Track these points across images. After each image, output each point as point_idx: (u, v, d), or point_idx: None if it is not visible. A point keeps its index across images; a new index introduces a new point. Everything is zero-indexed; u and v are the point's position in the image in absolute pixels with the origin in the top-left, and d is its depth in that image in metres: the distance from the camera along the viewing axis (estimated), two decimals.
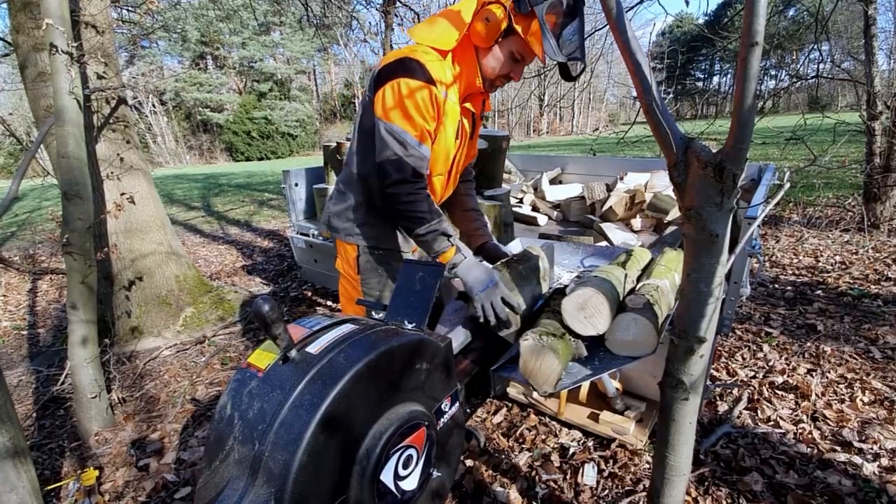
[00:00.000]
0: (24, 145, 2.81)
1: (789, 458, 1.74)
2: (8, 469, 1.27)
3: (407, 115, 1.21)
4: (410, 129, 1.23)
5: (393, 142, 1.23)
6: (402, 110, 1.21)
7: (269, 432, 0.67)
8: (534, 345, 1.02)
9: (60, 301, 4.02)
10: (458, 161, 1.49)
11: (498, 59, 1.27)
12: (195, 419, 2.28)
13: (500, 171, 3.26)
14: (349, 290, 1.58)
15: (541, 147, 19.23)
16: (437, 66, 1.23)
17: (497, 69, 1.29)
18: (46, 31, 1.85)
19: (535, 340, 1.03)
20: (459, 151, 1.44)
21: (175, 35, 27.50)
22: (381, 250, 1.49)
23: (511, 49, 1.25)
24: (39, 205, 9.80)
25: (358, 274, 1.51)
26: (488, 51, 1.27)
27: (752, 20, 0.60)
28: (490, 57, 1.28)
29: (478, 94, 1.39)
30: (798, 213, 5.23)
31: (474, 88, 1.34)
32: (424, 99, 1.21)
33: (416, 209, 1.26)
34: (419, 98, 1.20)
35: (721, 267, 0.82)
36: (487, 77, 1.32)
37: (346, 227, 1.47)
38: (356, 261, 1.49)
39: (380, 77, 1.25)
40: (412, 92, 1.20)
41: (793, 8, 9.71)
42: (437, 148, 1.34)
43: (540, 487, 1.69)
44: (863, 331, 2.61)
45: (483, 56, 1.28)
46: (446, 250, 1.26)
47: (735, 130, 0.68)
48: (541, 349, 1.02)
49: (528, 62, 1.32)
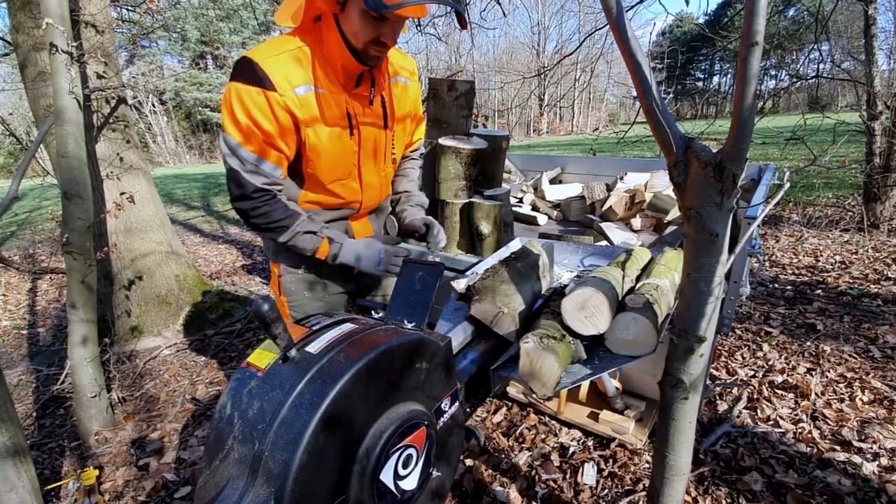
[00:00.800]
0: (24, 145, 2.81)
1: (789, 458, 1.74)
2: (8, 468, 1.27)
3: (239, 126, 1.04)
4: (245, 143, 1.06)
5: (230, 155, 1.08)
6: (234, 121, 1.04)
7: (268, 432, 0.67)
8: (534, 347, 1.02)
9: (60, 300, 4.02)
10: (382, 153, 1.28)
11: (353, 23, 1.02)
12: (195, 418, 2.28)
13: (500, 170, 3.26)
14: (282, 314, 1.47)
15: (541, 147, 19.23)
16: (277, 62, 1.03)
17: (360, 36, 1.04)
18: (46, 31, 1.85)
19: (535, 343, 1.03)
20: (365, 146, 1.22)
21: (175, 35, 27.47)
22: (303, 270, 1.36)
23: (361, 6, 1.00)
24: (39, 204, 9.80)
25: (281, 295, 1.37)
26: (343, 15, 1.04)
27: (752, 20, 0.60)
28: (346, 23, 1.04)
29: (364, 72, 1.14)
30: (798, 212, 5.23)
31: (352, 67, 1.10)
32: (258, 107, 1.03)
33: (270, 219, 1.13)
34: (251, 106, 1.03)
35: (721, 266, 0.82)
36: (356, 48, 1.06)
37: (269, 245, 1.35)
38: (278, 281, 1.37)
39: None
40: (242, 100, 1.02)
41: (793, 8, 9.71)
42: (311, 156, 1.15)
43: (540, 487, 1.69)
44: (862, 330, 2.61)
45: (343, 24, 1.05)
46: (319, 246, 1.18)
47: (735, 130, 0.68)
48: (541, 352, 1.02)
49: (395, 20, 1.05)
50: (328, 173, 1.21)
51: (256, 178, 1.10)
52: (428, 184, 2.38)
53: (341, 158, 1.20)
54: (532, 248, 1.42)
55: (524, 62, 34.85)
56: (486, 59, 37.57)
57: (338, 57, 1.08)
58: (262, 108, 1.04)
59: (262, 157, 1.09)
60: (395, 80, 1.26)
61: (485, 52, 39.02)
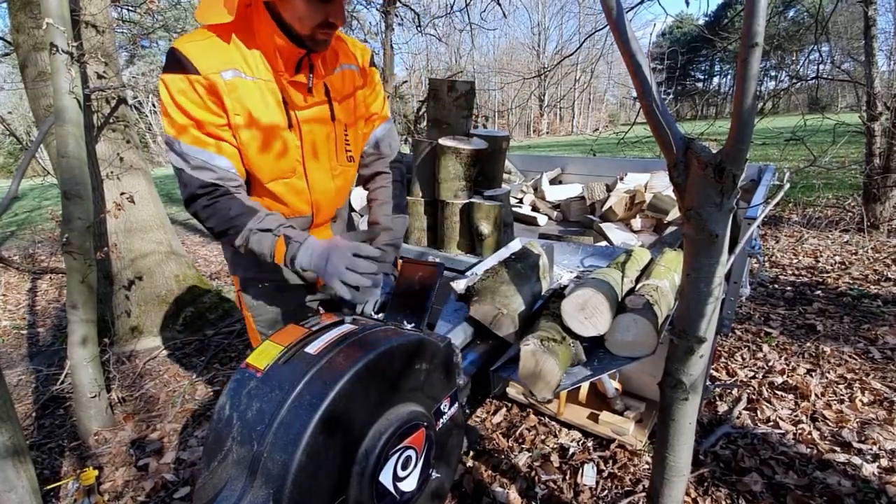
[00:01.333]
0: (24, 145, 2.81)
1: (789, 459, 1.74)
2: (7, 468, 1.27)
3: (172, 119, 0.98)
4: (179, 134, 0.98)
5: (172, 154, 1.00)
6: (166, 115, 0.98)
7: (267, 433, 0.67)
8: (535, 350, 1.02)
9: (60, 300, 4.02)
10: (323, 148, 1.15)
11: (298, 7, 0.95)
12: (194, 419, 2.28)
13: (500, 171, 3.26)
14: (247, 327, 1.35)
15: (541, 147, 19.24)
16: (202, 46, 0.97)
17: (306, 20, 0.96)
18: (47, 31, 1.85)
19: (535, 345, 1.02)
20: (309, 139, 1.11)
21: (175, 35, 27.50)
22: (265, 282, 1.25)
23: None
24: (39, 204, 9.80)
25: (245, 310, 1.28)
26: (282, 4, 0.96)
27: (752, 21, 0.60)
28: (288, 9, 0.96)
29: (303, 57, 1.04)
30: (798, 213, 5.23)
31: (292, 53, 1.02)
32: (185, 95, 0.96)
33: (221, 219, 1.01)
34: (178, 94, 0.96)
35: (721, 267, 0.82)
36: (302, 34, 0.99)
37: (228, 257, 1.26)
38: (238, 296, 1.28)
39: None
40: (169, 91, 0.96)
41: (793, 9, 9.71)
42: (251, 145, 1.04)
43: (539, 488, 1.69)
44: (862, 331, 2.61)
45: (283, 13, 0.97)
46: (275, 245, 1.01)
47: (735, 131, 0.68)
48: (542, 355, 1.02)
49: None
50: (266, 170, 1.08)
51: (202, 173, 1.00)
52: (428, 184, 2.38)
53: (280, 153, 1.08)
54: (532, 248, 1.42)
55: (524, 63, 34.87)
56: (486, 60, 37.61)
57: (271, 43, 1.00)
58: (187, 94, 0.96)
59: (201, 148, 0.99)
60: (340, 69, 1.15)
61: (485, 53, 39.07)
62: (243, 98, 1.00)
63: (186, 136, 0.98)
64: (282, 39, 0.99)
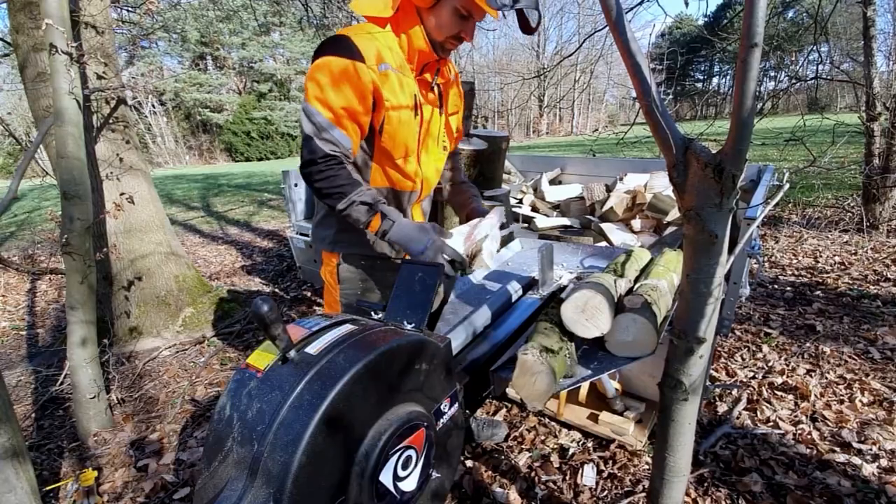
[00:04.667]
0: (24, 145, 2.81)
1: (788, 459, 1.74)
2: (7, 469, 1.27)
3: (324, 95, 1.13)
4: (324, 110, 1.14)
5: (306, 121, 1.16)
6: (319, 90, 1.13)
7: (268, 433, 0.67)
8: (532, 360, 1.02)
9: (60, 301, 4.02)
10: (435, 137, 1.38)
11: (443, 18, 1.16)
12: (194, 420, 2.27)
13: (500, 171, 3.26)
14: (330, 300, 1.51)
15: (540, 148, 19.25)
16: (368, 39, 1.15)
17: (445, 30, 1.18)
18: (46, 32, 1.85)
19: (533, 356, 1.02)
20: (425, 127, 1.32)
21: (175, 35, 27.49)
22: (364, 258, 1.41)
23: (454, 5, 1.14)
24: (39, 205, 9.79)
25: (338, 283, 1.43)
26: (431, 11, 1.16)
27: (752, 21, 0.60)
28: (434, 17, 1.17)
29: (433, 61, 1.26)
30: (797, 213, 5.23)
31: (427, 56, 1.23)
32: (347, 77, 1.12)
33: (331, 185, 1.18)
34: (339, 77, 1.12)
35: (720, 267, 0.82)
36: (436, 40, 1.20)
37: (326, 234, 1.41)
38: (336, 270, 1.42)
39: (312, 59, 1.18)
40: (331, 70, 1.11)
41: (792, 9, 9.73)
42: (387, 129, 1.23)
43: (539, 488, 1.69)
44: (862, 331, 2.61)
45: (427, 17, 1.18)
46: (372, 219, 1.19)
47: (734, 131, 0.68)
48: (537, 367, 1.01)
49: (478, 18, 1.20)
50: (399, 149, 1.28)
51: (326, 145, 1.16)
52: None
53: (408, 135, 1.27)
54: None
55: (524, 63, 34.84)
56: (485, 60, 37.58)
57: (416, 45, 1.20)
58: (351, 79, 1.12)
59: (336, 126, 1.16)
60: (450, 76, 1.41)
61: (484, 54, 39.04)
62: (392, 88, 1.18)
63: (329, 112, 1.14)
64: (426, 43, 1.20)
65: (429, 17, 1.18)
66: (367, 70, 1.12)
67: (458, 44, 1.24)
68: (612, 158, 3.88)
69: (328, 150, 1.16)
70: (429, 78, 1.29)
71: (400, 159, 1.31)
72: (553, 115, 39.77)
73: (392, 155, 1.28)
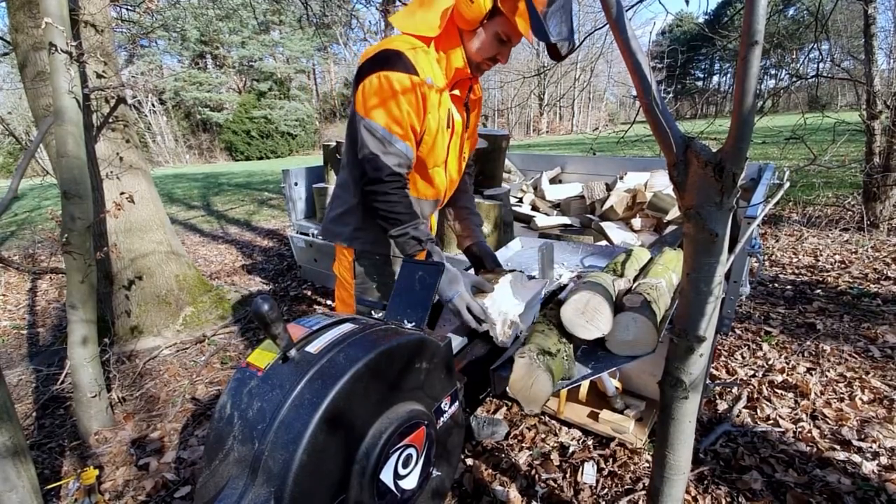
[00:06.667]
0: (24, 144, 2.81)
1: (788, 457, 1.74)
2: (8, 468, 1.27)
3: (386, 110, 1.17)
4: (390, 124, 1.19)
5: (370, 138, 1.19)
6: (382, 105, 1.17)
7: (268, 431, 0.67)
8: (530, 364, 1.01)
9: (60, 300, 4.02)
10: (457, 151, 1.45)
11: (483, 41, 1.23)
12: (195, 418, 2.28)
13: (500, 170, 3.26)
14: (343, 295, 1.55)
15: (540, 146, 19.23)
16: (420, 55, 1.19)
17: (484, 52, 1.25)
18: (46, 31, 1.84)
19: (531, 359, 1.02)
20: (454, 140, 1.40)
21: (174, 34, 27.44)
22: (379, 255, 1.46)
23: (497, 30, 1.21)
24: (39, 204, 9.80)
25: (353, 278, 1.48)
26: (473, 33, 1.23)
27: (752, 19, 0.60)
28: (475, 39, 1.23)
29: (465, 79, 1.33)
30: (798, 212, 5.23)
31: (462, 74, 1.29)
32: (406, 92, 1.16)
33: (392, 210, 1.23)
34: (400, 92, 1.16)
35: (721, 266, 0.82)
36: (473, 60, 1.27)
37: (343, 231, 1.45)
38: (352, 265, 1.47)
39: (361, 71, 1.20)
40: (392, 85, 1.15)
41: (793, 7, 9.70)
42: (427, 139, 1.28)
43: (540, 486, 1.69)
44: (862, 330, 2.61)
45: (468, 39, 1.24)
46: (416, 255, 1.25)
47: (735, 130, 0.68)
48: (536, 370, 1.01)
49: (515, 43, 1.27)
50: (433, 158, 1.35)
51: (392, 159, 1.21)
52: None
53: (441, 148, 1.34)
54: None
55: (524, 61, 34.80)
56: None
57: (455, 64, 1.26)
58: (409, 93, 1.17)
59: (399, 138, 1.21)
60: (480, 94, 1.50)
61: None
62: (433, 102, 1.24)
63: (395, 126, 1.19)
64: (464, 63, 1.26)
65: (470, 40, 1.24)
66: (420, 83, 1.18)
67: (492, 65, 1.31)
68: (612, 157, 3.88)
69: (394, 166, 1.21)
70: (460, 94, 1.36)
71: (431, 169, 1.37)
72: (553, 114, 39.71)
73: (426, 164, 1.35)
